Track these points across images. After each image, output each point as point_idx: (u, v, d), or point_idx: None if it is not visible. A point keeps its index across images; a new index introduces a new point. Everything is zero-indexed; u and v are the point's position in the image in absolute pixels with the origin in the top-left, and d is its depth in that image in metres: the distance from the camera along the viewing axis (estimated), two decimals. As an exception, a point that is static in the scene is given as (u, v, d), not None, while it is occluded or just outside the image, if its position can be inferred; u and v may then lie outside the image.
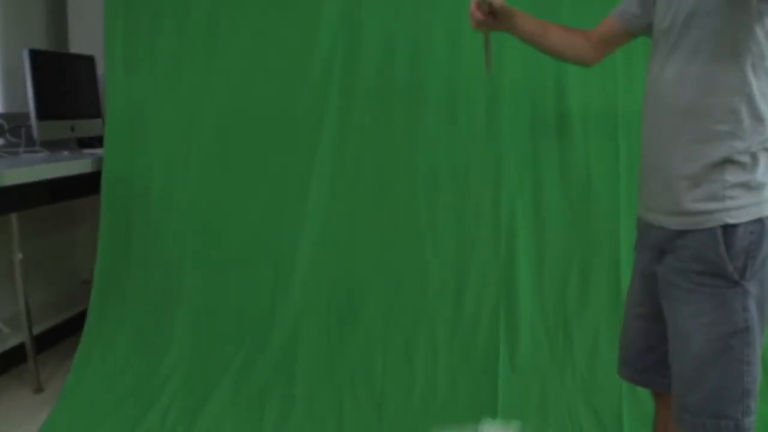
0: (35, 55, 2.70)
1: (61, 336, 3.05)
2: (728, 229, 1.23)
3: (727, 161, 1.23)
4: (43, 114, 2.71)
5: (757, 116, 1.22)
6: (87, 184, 2.65)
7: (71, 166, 2.58)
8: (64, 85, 2.91)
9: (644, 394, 2.02)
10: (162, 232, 2.55)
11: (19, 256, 2.57)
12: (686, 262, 1.27)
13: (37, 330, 2.75)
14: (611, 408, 2.16)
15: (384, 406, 2.25)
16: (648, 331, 1.44)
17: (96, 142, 3.00)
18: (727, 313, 1.24)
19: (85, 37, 3.15)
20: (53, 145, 2.88)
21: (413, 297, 2.41)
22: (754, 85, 1.20)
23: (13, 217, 2.51)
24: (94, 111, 3.07)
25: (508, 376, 2.25)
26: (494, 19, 1.53)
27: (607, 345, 2.25)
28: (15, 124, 2.80)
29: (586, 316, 2.24)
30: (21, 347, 2.71)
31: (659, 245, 1.34)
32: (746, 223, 1.23)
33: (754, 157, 1.23)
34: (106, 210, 2.58)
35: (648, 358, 1.46)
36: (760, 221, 1.24)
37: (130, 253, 2.57)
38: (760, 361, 1.27)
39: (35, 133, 2.70)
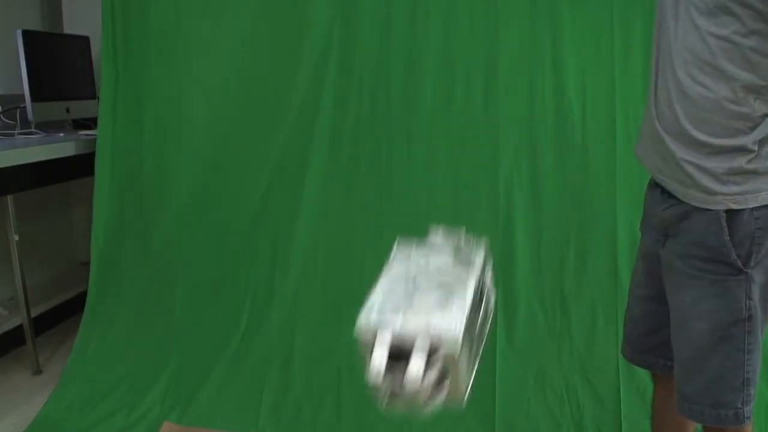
0: (29, 36, 2.68)
1: (59, 318, 3.06)
2: (732, 214, 1.19)
3: (734, 149, 1.18)
4: (37, 96, 2.70)
5: None
6: (83, 166, 2.64)
7: (67, 147, 2.58)
8: (59, 66, 2.89)
9: (642, 370, 2.03)
10: (157, 213, 2.54)
11: (16, 237, 2.56)
12: (688, 247, 1.24)
13: (35, 312, 2.74)
14: (609, 384, 2.17)
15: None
16: (650, 313, 1.43)
17: (91, 123, 2.98)
18: (729, 302, 1.21)
19: (79, 17, 3.13)
20: (48, 127, 2.86)
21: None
22: None
23: (9, 199, 2.50)
24: (90, 92, 3.05)
25: (506, 354, 2.26)
26: None
27: (604, 322, 2.25)
28: (9, 106, 2.79)
29: (583, 293, 2.24)
30: (19, 329, 2.70)
31: (663, 227, 1.31)
32: (753, 209, 1.18)
33: (763, 144, 1.18)
34: (99, 190, 2.56)
35: (650, 341, 1.45)
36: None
37: (126, 234, 2.56)
38: (761, 348, 1.25)
39: (30, 115, 2.69)
